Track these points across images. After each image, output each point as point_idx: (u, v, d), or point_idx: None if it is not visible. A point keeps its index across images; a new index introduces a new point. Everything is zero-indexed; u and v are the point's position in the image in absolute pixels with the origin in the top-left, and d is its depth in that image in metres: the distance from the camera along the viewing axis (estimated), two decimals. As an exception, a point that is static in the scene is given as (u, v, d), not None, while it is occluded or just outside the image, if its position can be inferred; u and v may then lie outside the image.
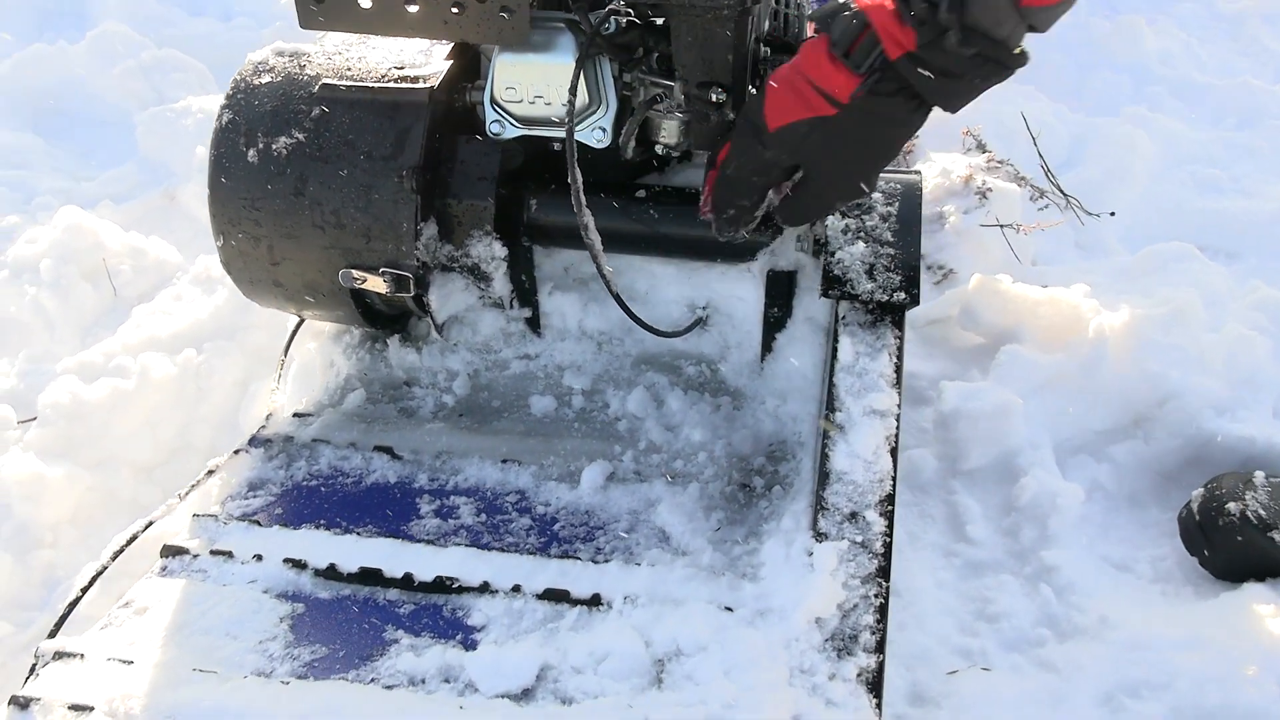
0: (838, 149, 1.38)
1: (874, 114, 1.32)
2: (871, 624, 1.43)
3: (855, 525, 1.51)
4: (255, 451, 1.78)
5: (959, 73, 1.24)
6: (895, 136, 1.38)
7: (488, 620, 1.45)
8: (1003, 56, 1.23)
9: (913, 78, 1.26)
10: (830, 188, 1.47)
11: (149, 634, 1.39)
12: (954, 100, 1.30)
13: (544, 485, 1.73)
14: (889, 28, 1.25)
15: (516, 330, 1.95)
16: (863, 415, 1.59)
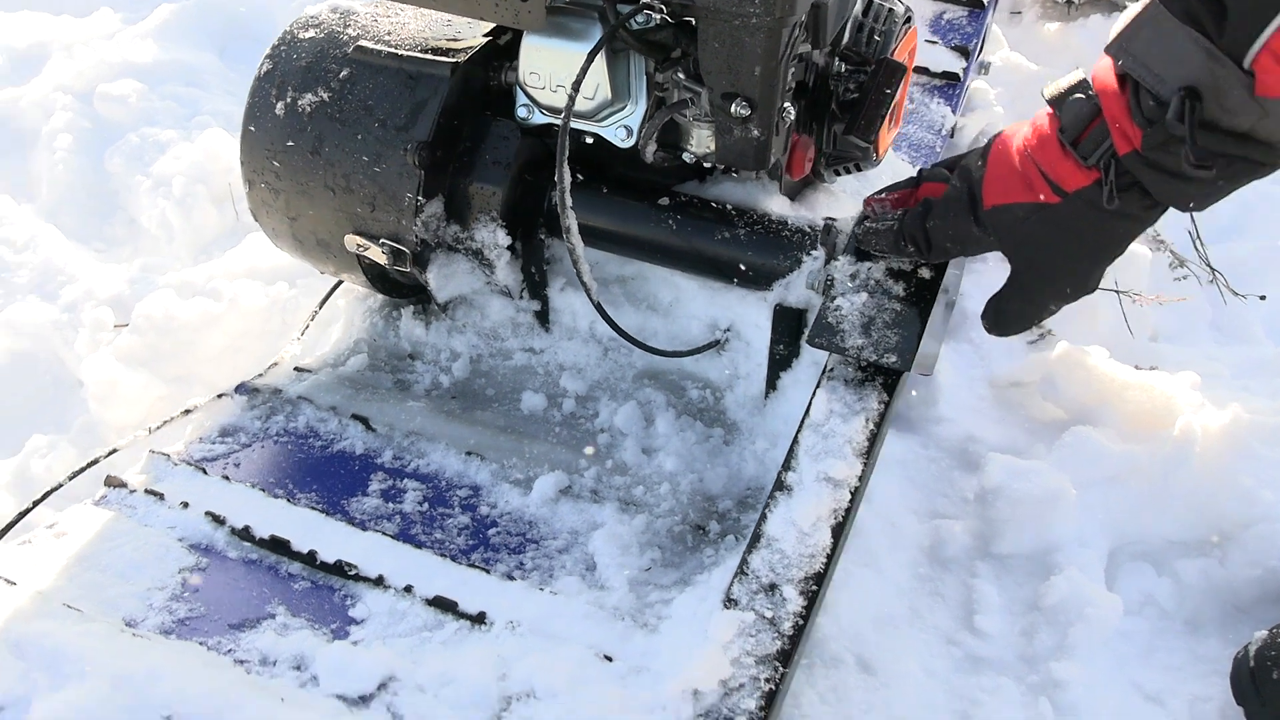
0: (1056, 242, 1.26)
1: (1100, 209, 1.19)
2: (753, 710, 1.30)
3: (769, 598, 1.38)
4: (238, 399, 1.80)
5: (1195, 176, 1.09)
6: (1125, 233, 1.24)
7: (369, 615, 1.41)
8: (1253, 153, 1.07)
9: (1143, 176, 1.13)
10: (1044, 284, 1.33)
11: (53, 560, 1.43)
12: (1193, 200, 1.15)
13: (498, 486, 1.67)
14: (1119, 120, 1.12)
15: (525, 321, 1.89)
16: (814, 480, 1.44)
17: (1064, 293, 1.34)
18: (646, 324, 1.88)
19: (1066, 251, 1.26)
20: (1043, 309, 1.39)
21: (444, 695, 1.28)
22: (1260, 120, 1.04)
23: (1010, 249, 1.33)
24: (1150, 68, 1.07)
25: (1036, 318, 1.43)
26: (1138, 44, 1.08)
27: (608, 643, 1.38)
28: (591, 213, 1.75)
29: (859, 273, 1.56)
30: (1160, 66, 1.06)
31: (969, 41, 2.57)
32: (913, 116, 2.45)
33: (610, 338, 1.87)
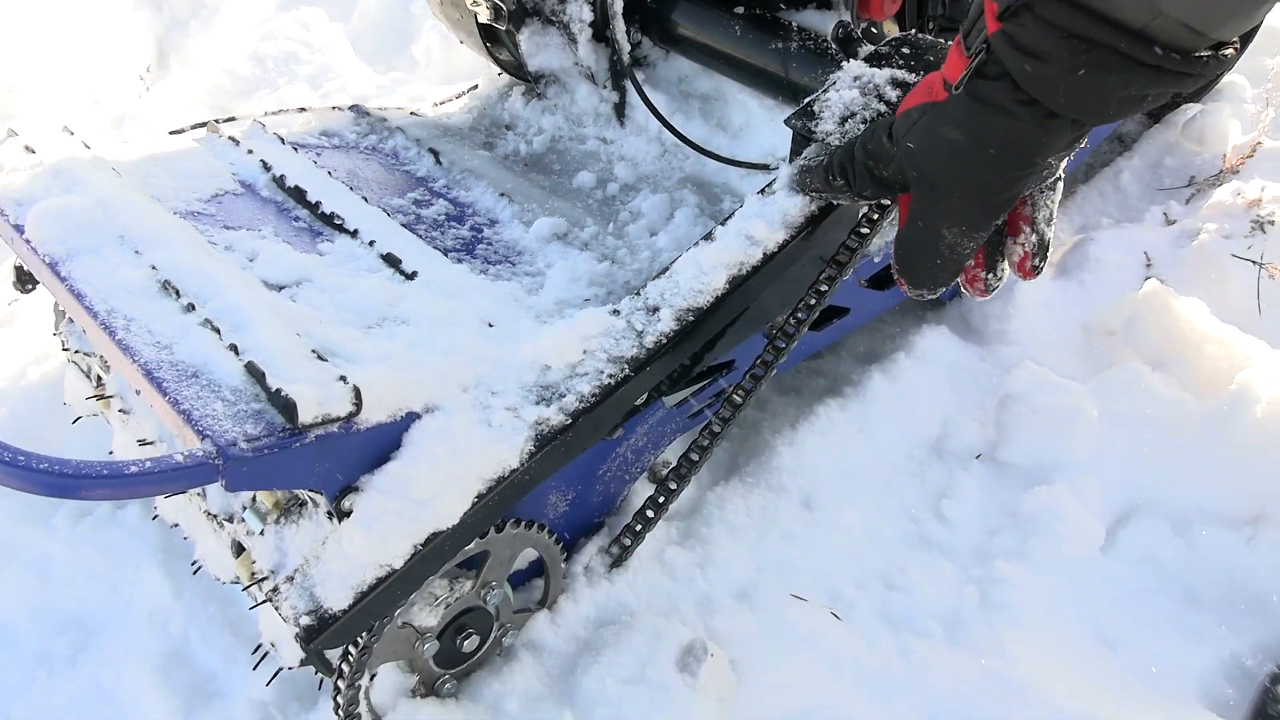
0: (938, 139, 1.14)
1: (980, 99, 1.07)
2: (584, 393, 1.39)
3: (647, 316, 1.45)
4: (348, 114, 2.08)
5: (1051, 54, 0.97)
6: (1011, 137, 1.07)
7: (330, 250, 1.62)
8: (1119, 41, 0.93)
9: (1004, 56, 1.01)
10: (935, 200, 1.17)
11: (136, 153, 1.75)
12: (1057, 95, 1.00)
13: (511, 222, 1.83)
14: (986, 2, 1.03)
15: (605, 113, 2.03)
16: (735, 235, 1.49)
17: (956, 210, 1.16)
18: (713, 138, 1.97)
19: (948, 151, 1.12)
20: (935, 234, 1.19)
21: (337, 299, 1.46)
22: (1151, 18, 0.91)
23: (906, 158, 1.19)
24: None
25: (933, 249, 1.21)
26: None
27: (499, 316, 1.50)
28: (673, 12, 1.86)
29: (863, 75, 1.57)
30: None
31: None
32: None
33: (672, 142, 1.97)
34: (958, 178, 1.13)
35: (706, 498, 1.80)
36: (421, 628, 1.41)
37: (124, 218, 1.46)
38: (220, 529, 1.53)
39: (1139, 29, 0.92)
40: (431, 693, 1.48)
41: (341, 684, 1.35)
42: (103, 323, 1.31)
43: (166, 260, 1.40)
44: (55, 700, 1.72)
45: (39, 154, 1.60)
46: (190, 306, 1.34)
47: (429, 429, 1.30)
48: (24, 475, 1.09)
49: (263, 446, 1.18)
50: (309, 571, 1.30)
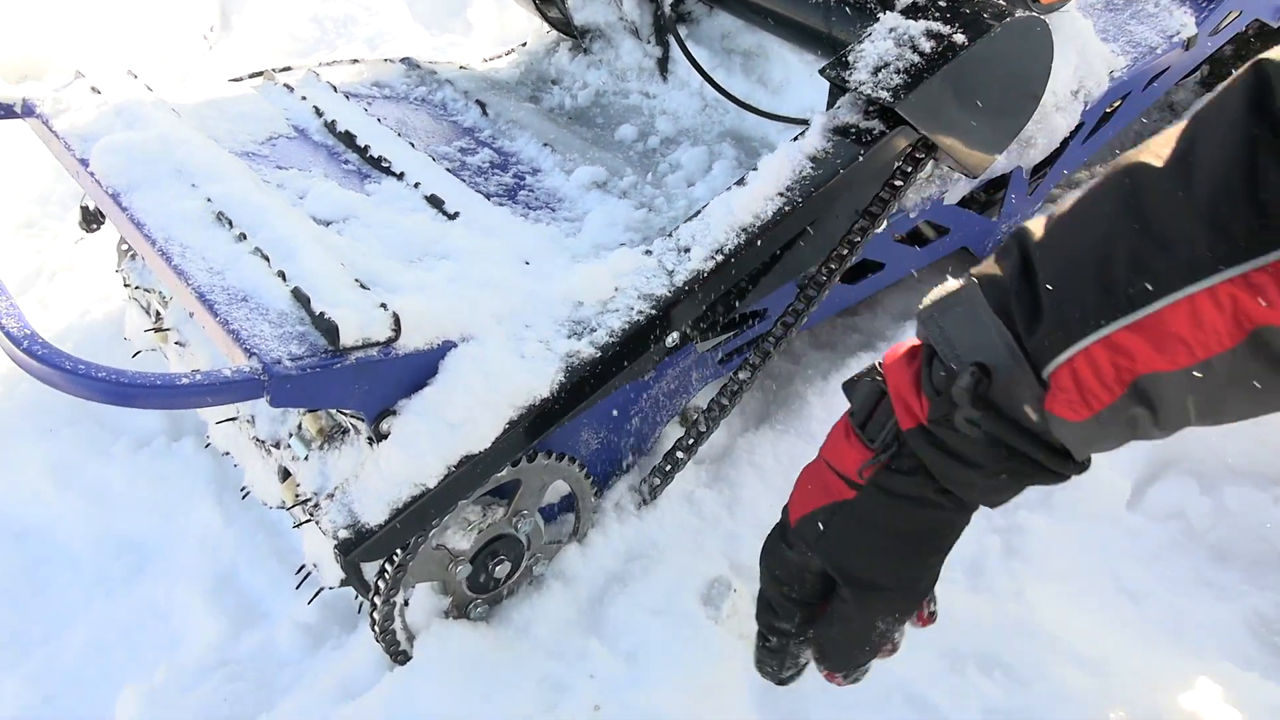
0: (859, 540, 1.09)
1: (894, 494, 1.05)
2: (614, 328, 1.44)
3: (677, 256, 1.49)
4: (399, 65, 2.14)
5: (976, 461, 0.98)
6: (931, 523, 1.06)
7: (377, 190, 1.68)
8: (1037, 453, 0.96)
9: (924, 455, 1.01)
10: (864, 597, 1.12)
11: (194, 97, 1.83)
12: (975, 493, 1.02)
13: (553, 171, 1.88)
14: (904, 394, 1.02)
15: (649, 67, 2.07)
16: (765, 179, 1.53)
17: (890, 603, 1.12)
18: (754, 93, 2.00)
19: (874, 550, 1.09)
20: (868, 628, 1.14)
21: (382, 234, 1.52)
22: (1045, 431, 0.94)
23: (824, 561, 1.12)
24: (951, 343, 0.98)
25: (864, 641, 1.15)
26: (948, 318, 0.99)
27: (536, 255, 1.56)
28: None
29: (898, 27, 1.60)
30: (961, 344, 0.97)
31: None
32: (1149, 19, 2.33)
33: (713, 97, 2.01)
34: (889, 573, 1.10)
35: (737, 444, 1.84)
36: (455, 550, 1.47)
37: (182, 153, 1.53)
38: (268, 455, 1.60)
39: (1044, 436, 0.95)
40: (464, 615, 1.55)
41: (377, 600, 1.42)
42: (160, 250, 1.38)
43: (221, 193, 1.47)
44: (112, 618, 1.81)
45: (104, 95, 1.68)
46: (242, 236, 1.41)
47: (464, 357, 1.36)
48: (86, 383, 1.16)
49: (305, 365, 1.24)
50: (348, 489, 1.37)
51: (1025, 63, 1.63)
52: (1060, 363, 0.91)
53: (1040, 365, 0.92)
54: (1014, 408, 0.94)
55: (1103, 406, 0.90)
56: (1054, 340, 0.91)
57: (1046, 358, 0.92)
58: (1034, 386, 0.93)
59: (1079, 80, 2.05)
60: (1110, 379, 0.89)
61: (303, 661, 1.66)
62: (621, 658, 1.51)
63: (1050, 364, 0.92)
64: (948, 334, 0.98)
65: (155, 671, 1.65)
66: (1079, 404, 0.91)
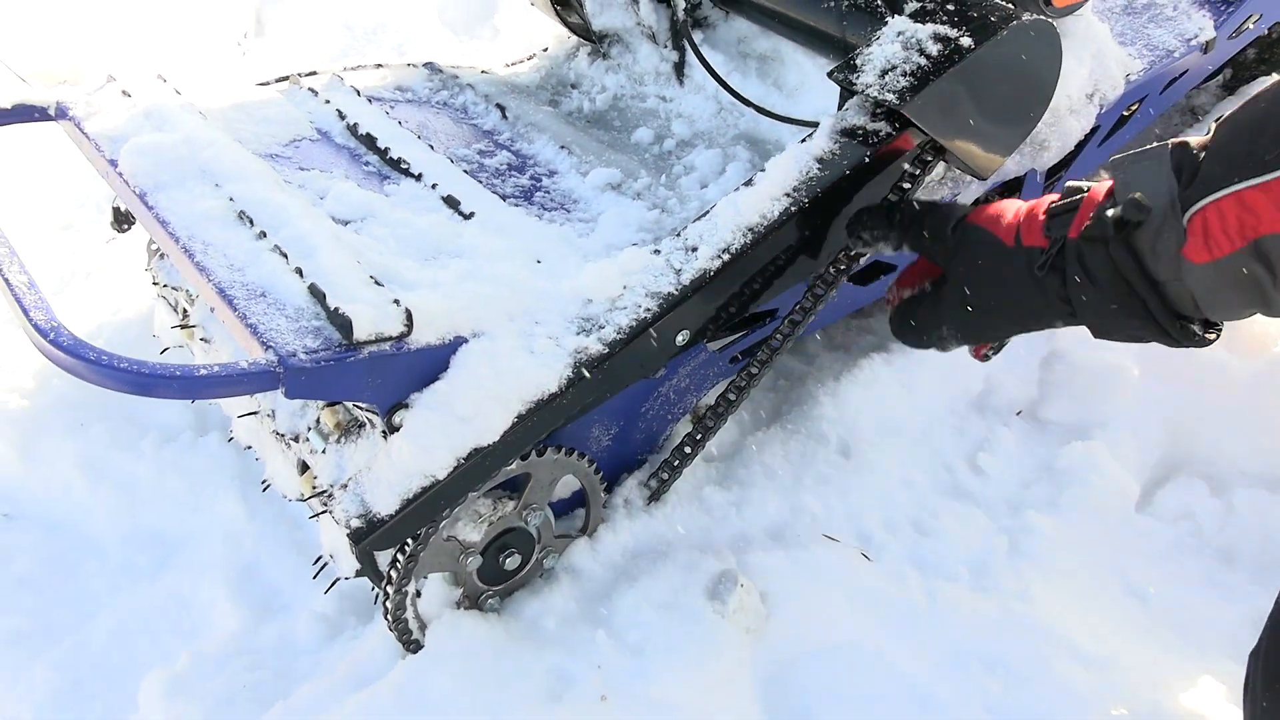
0: (985, 273, 1.31)
1: (1033, 265, 1.25)
2: (622, 325, 1.47)
3: (684, 255, 1.52)
4: (422, 70, 2.19)
5: (1104, 286, 1.15)
6: (1037, 307, 1.27)
7: (396, 191, 1.72)
8: (1153, 304, 1.12)
9: (1068, 262, 1.20)
10: (954, 303, 1.36)
11: (218, 97, 1.88)
12: (1091, 316, 1.20)
13: (570, 173, 1.92)
14: (1085, 210, 1.20)
15: (665, 72, 2.11)
16: (772, 180, 1.55)
17: (964, 320, 1.34)
18: (768, 97, 2.02)
19: (988, 285, 1.30)
20: (938, 325, 1.39)
21: (398, 233, 1.56)
22: (1174, 280, 1.09)
23: (952, 260, 1.36)
24: (1129, 185, 1.14)
25: (931, 332, 1.42)
26: (1135, 167, 1.15)
27: (548, 254, 1.59)
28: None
29: (906, 30, 1.62)
30: (1137, 186, 1.13)
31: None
32: (1168, 22, 2.33)
33: (728, 100, 2.03)
34: (979, 302, 1.31)
35: (747, 442, 1.87)
36: (466, 542, 1.50)
37: (207, 154, 1.58)
38: (288, 449, 1.64)
39: (1162, 282, 1.10)
40: (476, 606, 1.58)
41: (390, 589, 1.46)
42: (184, 246, 1.43)
43: (243, 193, 1.51)
44: (137, 608, 1.86)
45: (134, 98, 1.74)
46: (262, 234, 1.45)
47: (474, 352, 1.40)
48: (109, 373, 1.21)
49: (320, 358, 1.28)
50: (361, 480, 1.40)
51: (1033, 65, 1.65)
52: (1195, 210, 1.05)
53: (1183, 213, 1.07)
54: (1155, 254, 1.09)
55: (1223, 254, 1.04)
56: (1196, 190, 1.06)
57: (1188, 205, 1.06)
58: (1179, 233, 1.07)
59: (1094, 83, 2.06)
60: (1234, 230, 1.02)
61: (320, 651, 1.71)
62: (628, 650, 1.54)
63: (1189, 211, 1.06)
64: (1128, 178, 1.15)
65: (178, 659, 1.70)
66: (1202, 248, 1.04)
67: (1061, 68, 1.70)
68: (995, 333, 1.35)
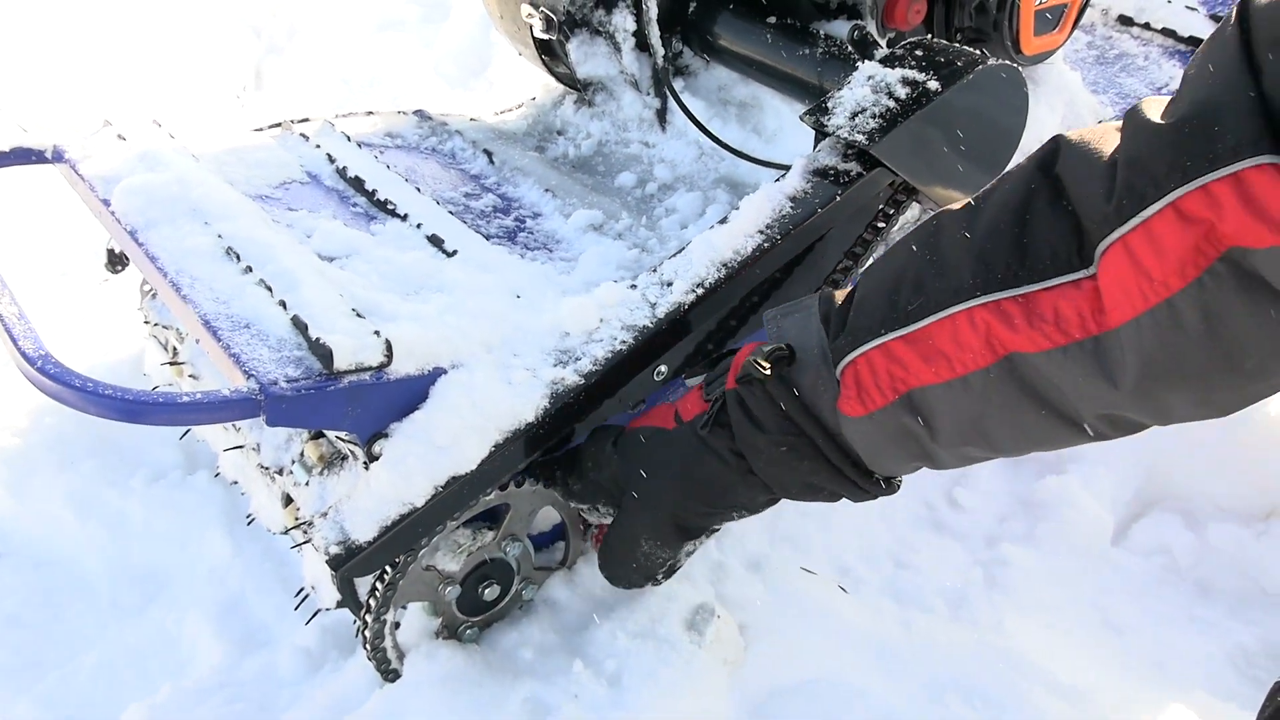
0: (657, 461, 1.31)
1: (699, 437, 1.25)
2: (598, 357, 1.50)
3: (660, 289, 1.56)
4: (412, 117, 2.25)
5: (764, 424, 1.16)
6: (716, 479, 1.25)
7: (383, 229, 1.77)
8: (822, 443, 1.14)
9: (731, 412, 1.20)
10: (638, 509, 1.34)
11: (214, 143, 1.93)
12: (760, 459, 1.19)
13: (553, 215, 1.97)
14: (736, 363, 1.22)
15: (648, 118, 2.16)
16: (745, 218, 1.60)
17: (655, 522, 1.31)
18: (748, 142, 2.08)
19: (664, 472, 1.28)
20: (634, 544, 1.35)
21: (381, 269, 1.61)
22: (839, 432, 1.12)
23: (622, 472, 1.35)
24: (781, 335, 1.18)
25: (630, 552, 1.38)
26: (786, 320, 1.19)
27: (528, 290, 1.63)
28: (710, 23, 1.99)
29: (876, 74, 1.67)
30: (788, 337, 1.17)
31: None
32: (1139, 71, 2.40)
33: (709, 146, 2.09)
34: (661, 498, 1.29)
35: (727, 477, 1.89)
36: (445, 572, 1.53)
37: (197, 194, 1.63)
38: (272, 482, 1.67)
39: (833, 432, 1.12)
40: (454, 637, 1.60)
41: (369, 617, 1.48)
42: (171, 281, 1.47)
43: (231, 230, 1.56)
44: (124, 643, 1.87)
45: (129, 141, 1.79)
46: (248, 269, 1.49)
47: (453, 382, 1.43)
48: (95, 400, 1.24)
49: (300, 387, 1.32)
50: (340, 509, 1.43)
51: (1001, 109, 1.70)
52: (846, 363, 1.08)
53: (835, 365, 1.10)
54: (816, 399, 1.12)
55: (877, 407, 1.06)
56: (845, 343, 1.09)
57: (838, 358, 1.10)
58: (832, 386, 1.10)
59: (1066, 130, 2.11)
60: (885, 384, 1.05)
61: (301, 684, 1.72)
62: (605, 679, 1.55)
63: (840, 364, 1.09)
64: (782, 330, 1.18)
65: (159, 693, 1.71)
66: (856, 401, 1.07)
67: (1030, 112, 1.75)
68: (693, 522, 1.31)
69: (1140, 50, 2.44)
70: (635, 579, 1.42)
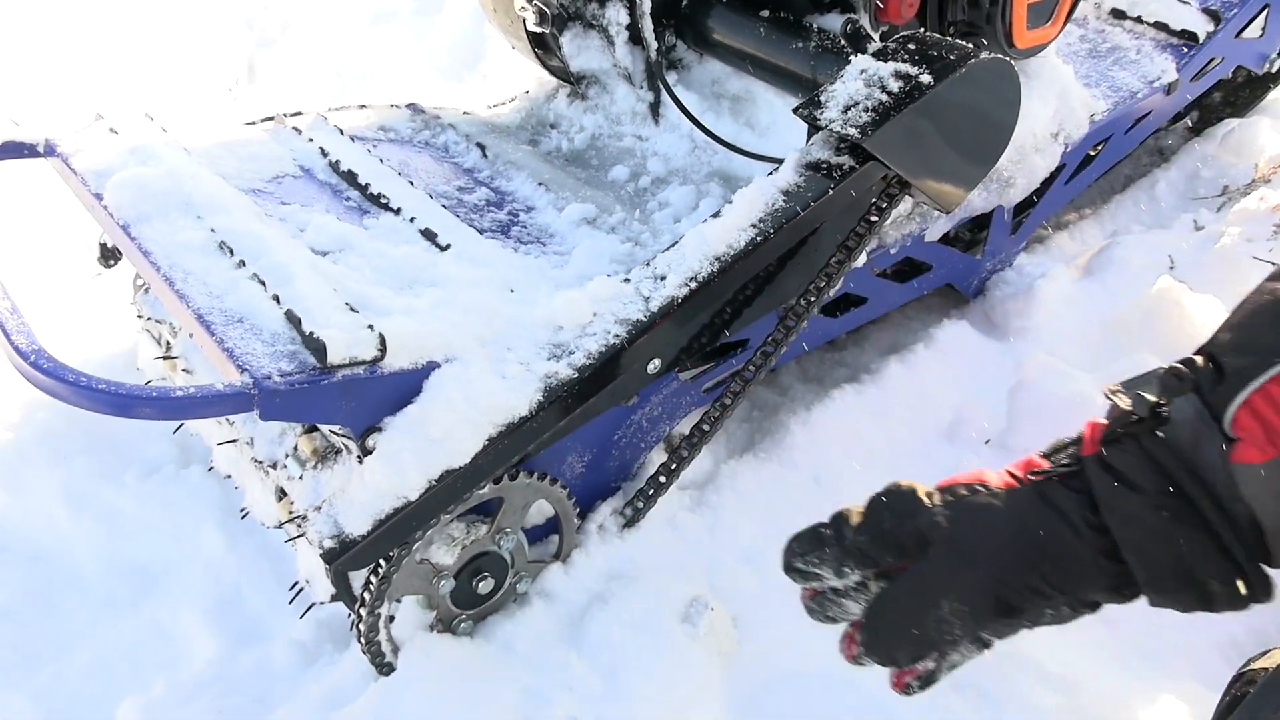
0: (993, 518, 1.04)
1: (1046, 499, 1.03)
2: (591, 350, 1.50)
3: (653, 283, 1.56)
4: (405, 111, 2.24)
5: (1138, 483, 0.97)
6: (1060, 546, 1.01)
7: (376, 223, 1.77)
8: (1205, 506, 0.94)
9: (1093, 478, 1.00)
10: (957, 564, 1.04)
11: (207, 137, 1.93)
12: (1128, 528, 0.97)
13: (546, 208, 1.97)
14: (1092, 430, 1.03)
15: (641, 111, 2.16)
16: (739, 212, 1.60)
17: (970, 587, 1.04)
18: (740, 135, 2.08)
19: (996, 528, 1.04)
20: (933, 603, 1.04)
21: (375, 263, 1.61)
22: (1229, 495, 0.93)
23: (942, 518, 1.06)
24: (1141, 398, 0.99)
25: (920, 619, 1.05)
26: (1140, 385, 1.00)
27: (522, 284, 1.63)
28: (704, 17, 1.99)
29: (869, 69, 1.68)
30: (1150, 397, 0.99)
31: (1226, 9, 2.45)
32: (1132, 65, 2.40)
33: (702, 139, 2.09)
34: (991, 553, 1.03)
35: (720, 470, 1.89)
36: (439, 565, 1.53)
37: (189, 187, 1.63)
38: (266, 476, 1.67)
39: (1221, 496, 0.93)
40: (448, 630, 1.60)
41: (363, 611, 1.48)
42: (165, 275, 1.47)
43: (224, 224, 1.56)
44: (118, 638, 1.87)
45: (121, 135, 1.79)
46: (241, 263, 1.49)
47: (447, 376, 1.43)
48: (88, 394, 1.24)
49: (294, 381, 1.32)
50: (335, 503, 1.43)
51: (993, 102, 1.70)
52: (1240, 402, 0.92)
53: (1221, 414, 0.93)
54: (1199, 457, 0.94)
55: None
56: (1231, 385, 0.92)
57: (1226, 402, 0.93)
58: (1217, 439, 0.93)
59: (1059, 123, 2.12)
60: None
61: (296, 677, 1.72)
62: (600, 672, 1.55)
63: (1230, 407, 0.92)
64: (1138, 393, 0.98)
65: (154, 687, 1.71)
66: (1263, 441, 0.90)
67: (1023, 105, 1.76)
68: (1013, 597, 1.04)
69: (1133, 44, 2.45)
70: (904, 648, 1.08)
